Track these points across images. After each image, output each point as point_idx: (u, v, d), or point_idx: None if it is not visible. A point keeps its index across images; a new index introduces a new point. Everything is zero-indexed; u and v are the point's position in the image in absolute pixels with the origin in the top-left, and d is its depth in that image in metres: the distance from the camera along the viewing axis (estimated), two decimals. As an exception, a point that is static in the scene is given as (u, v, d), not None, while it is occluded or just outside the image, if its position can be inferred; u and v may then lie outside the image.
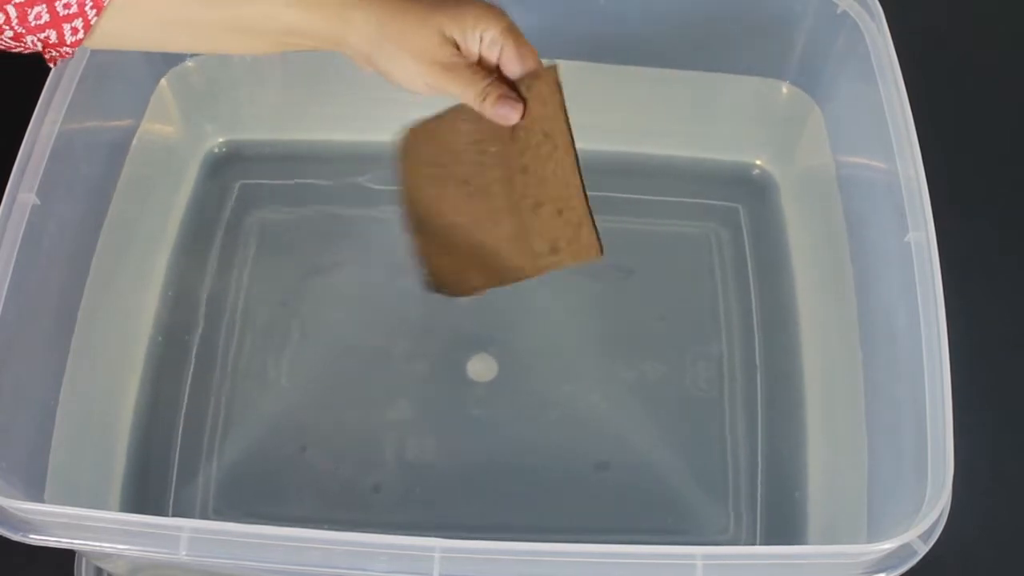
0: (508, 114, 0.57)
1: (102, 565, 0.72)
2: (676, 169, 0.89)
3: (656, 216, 0.87)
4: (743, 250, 0.85)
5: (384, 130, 0.88)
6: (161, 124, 0.85)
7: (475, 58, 0.56)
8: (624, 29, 0.82)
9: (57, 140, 0.66)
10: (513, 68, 0.57)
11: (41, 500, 0.63)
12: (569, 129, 0.59)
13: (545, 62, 0.59)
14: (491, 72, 0.57)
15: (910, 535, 0.54)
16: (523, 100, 0.58)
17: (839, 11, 0.75)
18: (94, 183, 0.75)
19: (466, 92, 0.57)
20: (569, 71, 0.64)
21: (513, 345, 0.80)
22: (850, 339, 0.73)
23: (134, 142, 0.80)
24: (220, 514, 0.75)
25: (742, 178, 0.89)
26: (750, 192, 0.88)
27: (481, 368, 0.79)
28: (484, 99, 0.57)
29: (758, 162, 0.89)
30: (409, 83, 0.56)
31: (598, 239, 0.58)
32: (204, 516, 0.74)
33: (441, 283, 0.66)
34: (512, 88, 0.57)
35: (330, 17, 0.55)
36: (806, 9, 0.78)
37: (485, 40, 0.56)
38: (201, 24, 0.54)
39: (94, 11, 0.52)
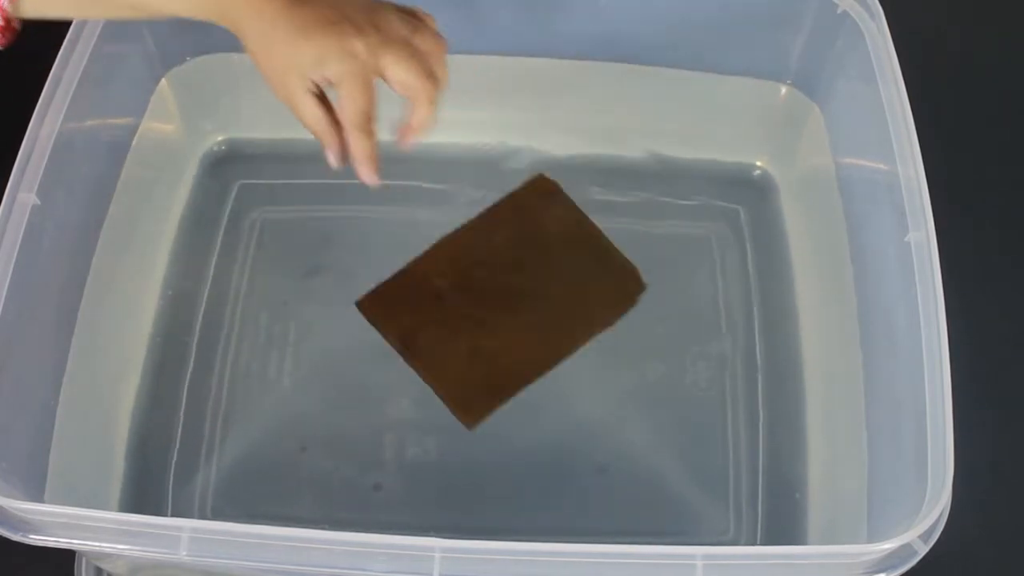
0: (330, 161, 0.59)
1: (102, 565, 0.72)
2: (676, 170, 0.89)
3: (657, 217, 0.87)
4: (743, 250, 0.85)
5: (384, 130, 0.89)
6: (161, 124, 0.85)
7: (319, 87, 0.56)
8: (624, 29, 0.82)
9: (57, 140, 0.66)
10: (397, 90, 0.57)
11: (41, 500, 0.63)
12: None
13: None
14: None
15: (910, 535, 0.54)
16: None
17: (839, 11, 0.75)
18: (94, 183, 0.75)
19: (305, 126, 0.58)
20: (570, 71, 0.65)
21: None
22: (850, 339, 0.73)
23: (134, 142, 0.80)
24: (220, 514, 0.74)
25: (742, 179, 0.89)
26: (750, 193, 0.88)
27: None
28: (321, 140, 0.58)
29: (758, 163, 0.89)
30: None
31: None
32: (204, 516, 0.74)
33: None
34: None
35: (216, 17, 0.56)
36: (806, 9, 0.78)
37: (326, 69, 0.55)
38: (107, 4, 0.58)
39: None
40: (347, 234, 0.86)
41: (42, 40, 0.71)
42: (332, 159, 0.59)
